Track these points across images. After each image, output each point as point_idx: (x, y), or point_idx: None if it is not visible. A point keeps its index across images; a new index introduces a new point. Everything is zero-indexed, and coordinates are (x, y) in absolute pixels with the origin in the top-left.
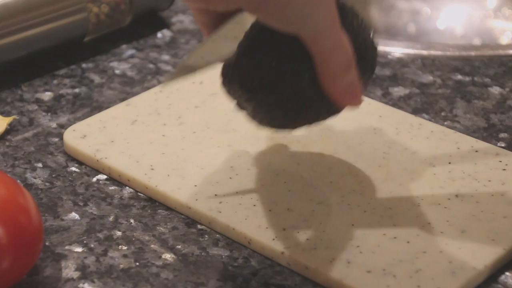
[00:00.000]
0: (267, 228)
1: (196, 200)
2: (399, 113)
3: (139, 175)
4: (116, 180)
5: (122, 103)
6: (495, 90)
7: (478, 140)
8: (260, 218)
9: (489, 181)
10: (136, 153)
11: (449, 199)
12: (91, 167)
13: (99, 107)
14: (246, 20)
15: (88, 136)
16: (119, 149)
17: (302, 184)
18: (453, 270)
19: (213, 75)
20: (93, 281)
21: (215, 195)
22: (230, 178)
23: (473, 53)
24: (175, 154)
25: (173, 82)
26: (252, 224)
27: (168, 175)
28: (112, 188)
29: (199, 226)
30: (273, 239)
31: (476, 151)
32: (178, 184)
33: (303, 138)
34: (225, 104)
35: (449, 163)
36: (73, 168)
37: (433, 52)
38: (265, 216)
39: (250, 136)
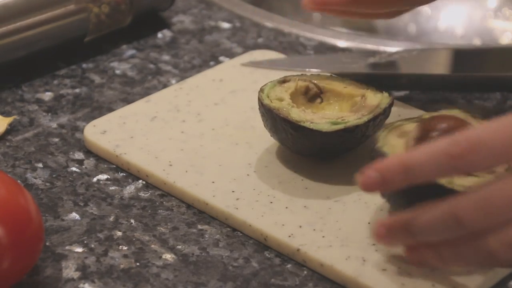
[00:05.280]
0: (283, 225)
1: (214, 196)
2: (418, 113)
3: (158, 171)
4: (126, 178)
5: (142, 99)
6: None
7: None
8: (277, 215)
9: None
10: (155, 149)
11: None
12: (110, 162)
13: (99, 107)
14: None
15: (108, 132)
16: (138, 145)
17: (319, 182)
18: (469, 269)
19: (232, 73)
20: (93, 281)
21: (232, 191)
22: (248, 175)
23: None
24: (193, 151)
25: None
26: (268, 221)
27: (186, 171)
28: (113, 188)
29: (199, 226)
30: (289, 236)
31: None
32: (196, 180)
33: None
34: (245, 102)
35: None
36: (74, 168)
37: None
38: (282, 213)
39: (268, 134)
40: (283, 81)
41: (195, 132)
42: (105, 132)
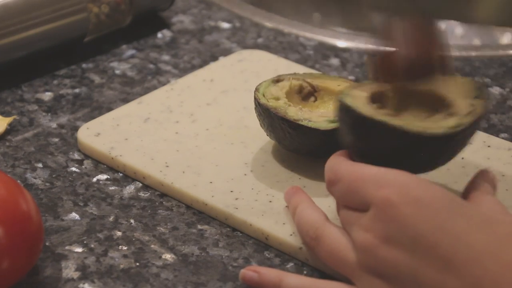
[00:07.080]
0: (284, 224)
1: (212, 196)
2: None
3: (155, 172)
4: (126, 178)
5: (134, 101)
6: (495, 90)
7: (490, 136)
8: (277, 214)
9: (503, 175)
10: (150, 150)
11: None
12: (105, 165)
13: (99, 107)
14: None
15: (102, 134)
16: (133, 146)
17: (316, 180)
18: None
19: (222, 73)
20: (93, 281)
21: (231, 191)
22: (245, 174)
23: (473, 53)
24: (189, 151)
25: None
26: (269, 220)
27: (184, 172)
28: (112, 188)
29: (199, 226)
30: (291, 235)
31: (489, 146)
32: (193, 181)
33: None
34: (237, 102)
35: (462, 158)
36: (73, 168)
37: None
38: (282, 212)
39: (263, 133)
40: (277, 80)
41: (189, 132)
42: (99, 134)
